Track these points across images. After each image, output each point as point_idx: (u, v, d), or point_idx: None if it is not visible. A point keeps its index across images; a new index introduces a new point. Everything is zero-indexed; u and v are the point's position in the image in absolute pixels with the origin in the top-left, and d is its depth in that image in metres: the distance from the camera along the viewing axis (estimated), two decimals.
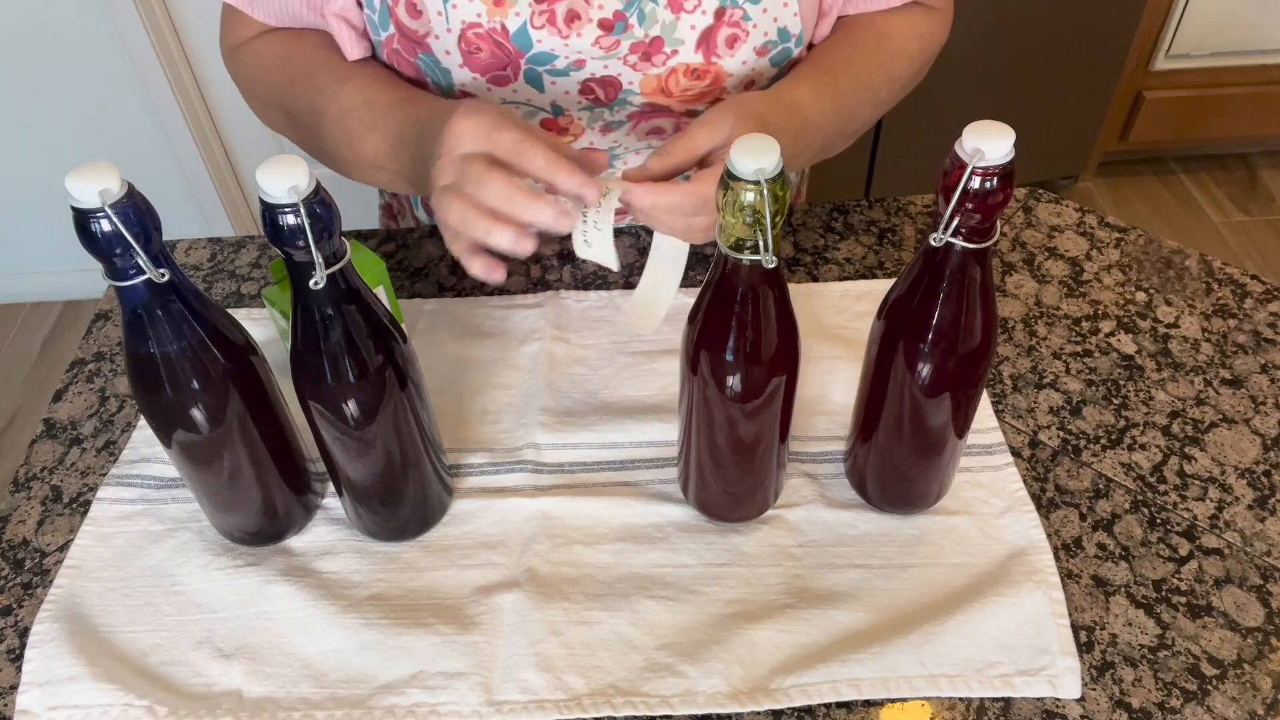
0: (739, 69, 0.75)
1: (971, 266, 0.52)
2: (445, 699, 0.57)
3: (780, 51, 0.75)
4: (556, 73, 0.73)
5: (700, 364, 0.55)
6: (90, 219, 0.47)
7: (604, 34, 0.71)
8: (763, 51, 0.74)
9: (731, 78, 0.75)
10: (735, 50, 0.73)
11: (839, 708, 0.57)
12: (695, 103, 0.77)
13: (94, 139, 1.89)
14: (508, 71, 0.73)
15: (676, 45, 0.72)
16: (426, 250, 0.86)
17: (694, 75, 0.74)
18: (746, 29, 0.73)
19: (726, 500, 0.64)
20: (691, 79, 0.74)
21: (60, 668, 0.59)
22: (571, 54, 0.72)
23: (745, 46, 0.73)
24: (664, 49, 0.72)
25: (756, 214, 0.47)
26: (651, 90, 0.75)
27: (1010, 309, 0.79)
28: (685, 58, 0.73)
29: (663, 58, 0.73)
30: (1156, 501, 0.66)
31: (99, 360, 0.79)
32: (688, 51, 0.73)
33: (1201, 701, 0.57)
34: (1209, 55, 2.04)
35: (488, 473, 0.69)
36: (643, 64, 0.73)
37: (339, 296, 0.52)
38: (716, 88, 0.76)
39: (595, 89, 0.75)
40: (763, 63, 0.75)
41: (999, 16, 1.82)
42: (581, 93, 0.75)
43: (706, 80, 0.75)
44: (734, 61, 0.74)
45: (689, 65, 0.74)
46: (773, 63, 0.76)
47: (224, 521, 0.63)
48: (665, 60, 0.73)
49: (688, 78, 0.74)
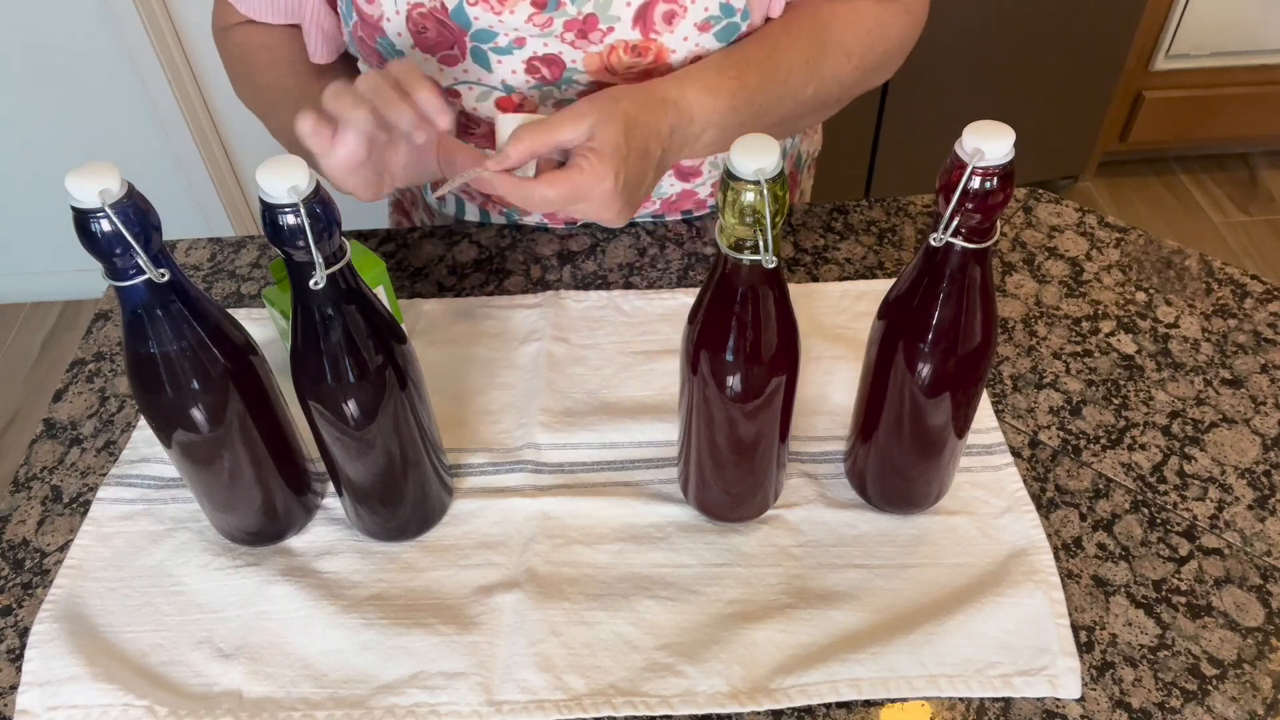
0: (681, 45, 0.74)
1: (971, 266, 0.52)
2: (445, 699, 0.57)
3: (725, 27, 0.74)
4: (500, 50, 0.74)
5: (700, 364, 0.55)
6: (90, 219, 0.47)
7: (537, 11, 0.72)
8: (705, 27, 0.73)
9: (675, 54, 0.74)
10: (674, 26, 0.73)
11: (839, 708, 0.57)
12: (641, 79, 0.75)
13: (94, 139, 1.89)
14: (455, 51, 0.75)
15: (612, 22, 0.72)
16: (426, 250, 0.86)
17: (635, 52, 0.74)
18: (684, 4, 0.72)
19: (726, 500, 0.64)
20: (633, 56, 0.74)
21: (60, 668, 0.59)
22: (509, 30, 0.73)
23: (684, 22, 0.73)
24: (599, 25, 0.72)
25: (756, 214, 0.47)
26: (595, 69, 0.75)
27: (1010, 309, 0.79)
28: (622, 34, 0.73)
29: (599, 34, 0.73)
30: (1156, 501, 0.66)
31: (99, 360, 0.79)
32: (624, 28, 0.72)
33: (1201, 701, 0.57)
34: (1209, 55, 2.04)
35: (488, 473, 0.69)
36: (580, 41, 0.73)
37: (339, 296, 0.52)
38: (661, 64, 0.75)
39: (540, 68, 0.75)
40: (707, 38, 0.74)
41: (999, 16, 1.82)
42: (528, 71, 0.76)
43: (649, 58, 0.74)
44: (674, 38, 0.73)
45: (628, 42, 0.73)
46: (718, 38, 0.75)
47: (224, 521, 0.63)
48: (602, 37, 0.73)
49: (629, 55, 0.74)
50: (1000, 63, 1.90)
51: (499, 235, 0.87)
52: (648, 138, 0.66)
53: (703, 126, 0.70)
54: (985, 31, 1.83)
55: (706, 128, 0.71)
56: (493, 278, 0.84)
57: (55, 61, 1.78)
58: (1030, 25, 1.85)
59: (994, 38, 1.85)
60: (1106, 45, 1.93)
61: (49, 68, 1.79)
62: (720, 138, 0.72)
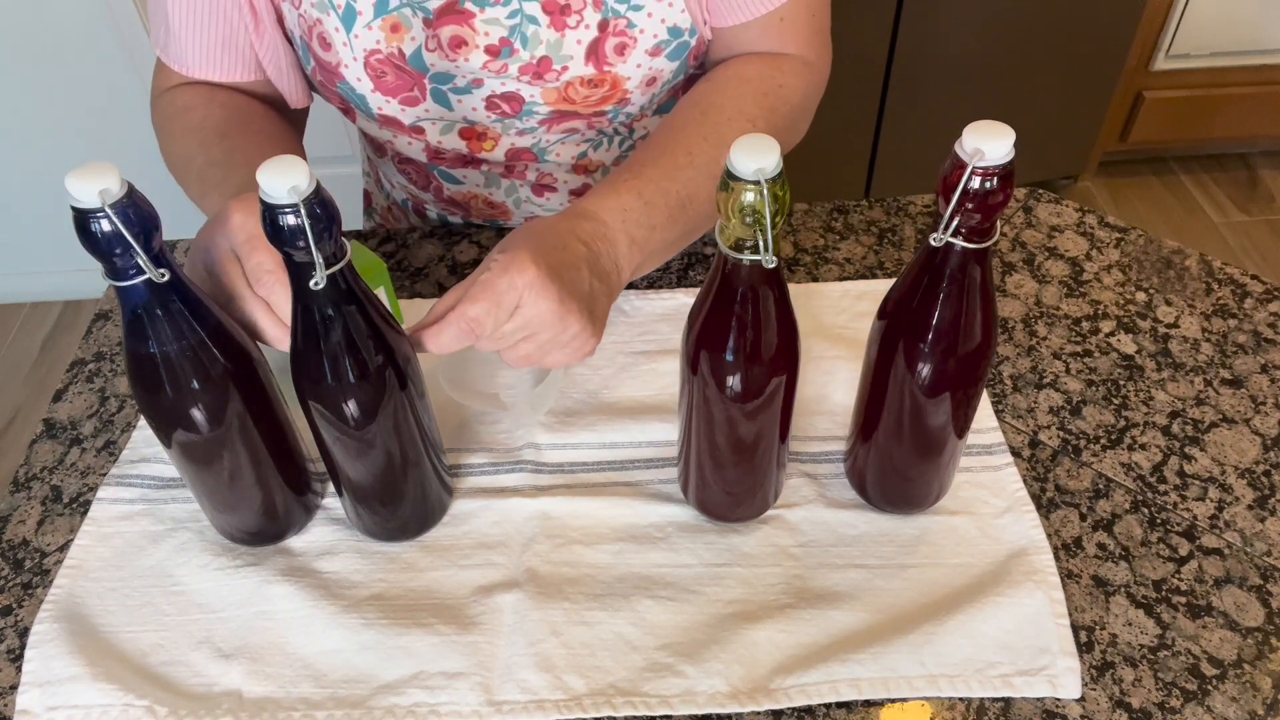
0: (635, 72, 0.75)
1: (971, 266, 0.52)
2: (445, 699, 0.57)
3: (676, 46, 0.75)
4: (459, 90, 0.76)
5: (700, 364, 0.55)
6: (90, 219, 0.47)
7: (491, 59, 0.73)
8: (655, 52, 0.74)
9: (630, 80, 0.76)
10: (626, 56, 0.74)
11: (839, 708, 0.57)
12: (600, 105, 0.78)
13: (94, 139, 1.89)
14: (415, 93, 0.76)
15: (565, 61, 0.73)
16: (426, 250, 0.86)
17: (590, 84, 0.75)
18: (634, 36, 0.73)
19: (726, 500, 0.64)
20: (589, 87, 0.75)
21: (60, 668, 0.59)
22: (466, 74, 0.74)
23: (636, 51, 0.74)
24: (553, 66, 0.74)
25: (756, 214, 0.47)
26: (554, 100, 0.76)
27: (1010, 309, 0.79)
28: (577, 71, 0.74)
29: (554, 74, 0.74)
30: (1156, 501, 0.66)
31: (99, 360, 0.79)
32: (578, 65, 0.74)
33: (1201, 701, 0.57)
34: (1209, 55, 2.04)
35: (488, 473, 0.69)
36: (537, 81, 0.75)
37: (339, 297, 0.52)
38: (617, 91, 0.76)
39: (500, 104, 0.77)
40: (659, 61, 0.75)
41: (999, 17, 1.82)
42: (488, 108, 0.77)
43: (605, 87, 0.76)
44: (628, 67, 0.75)
45: (583, 77, 0.75)
46: (670, 58, 0.75)
47: (224, 521, 0.63)
48: (558, 76, 0.74)
49: (585, 87, 0.75)
50: (1000, 63, 1.90)
51: (499, 235, 0.87)
52: (561, 234, 0.62)
53: (617, 226, 0.66)
54: (985, 31, 1.83)
55: (622, 227, 0.66)
56: None
57: (55, 61, 1.78)
58: (1030, 25, 1.85)
59: (994, 38, 1.85)
60: (1106, 45, 1.93)
61: (49, 68, 1.79)
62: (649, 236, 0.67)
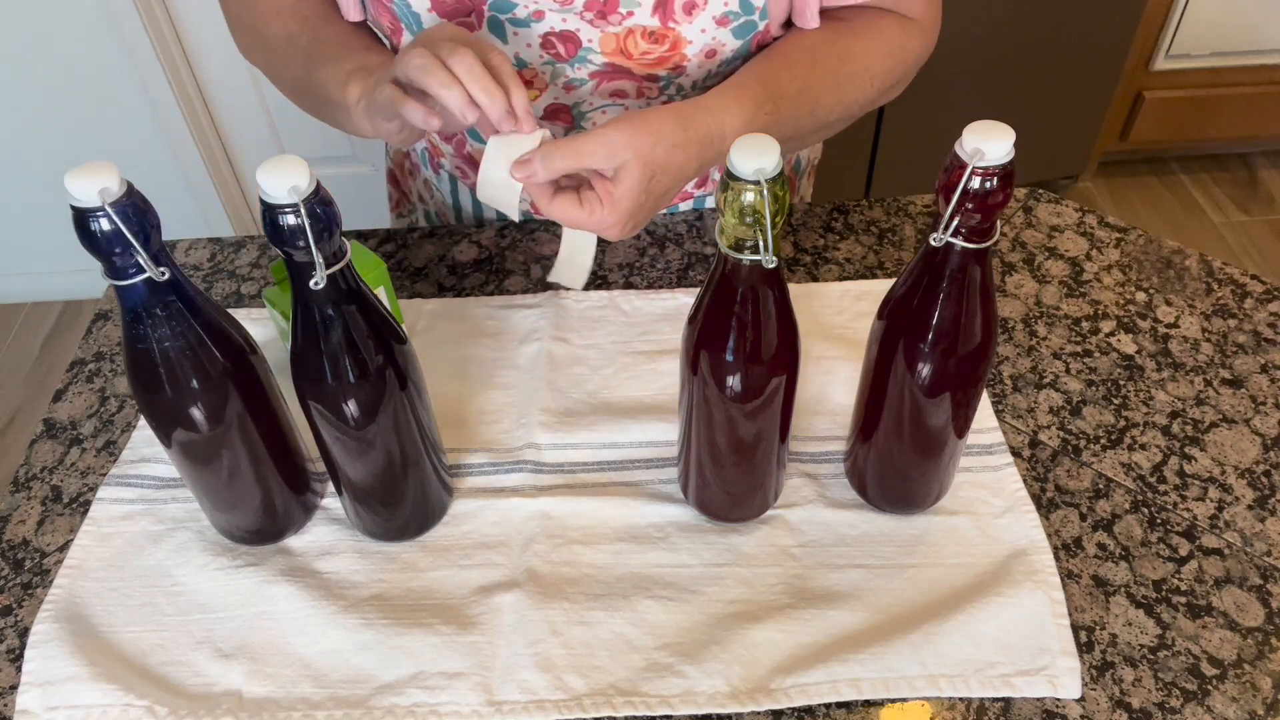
0: (698, 37, 0.74)
1: (971, 266, 0.52)
2: (445, 699, 0.57)
3: (743, 24, 0.74)
4: (518, 22, 0.74)
5: (700, 364, 0.55)
6: (90, 218, 0.47)
7: None
8: (723, 21, 0.74)
9: (691, 44, 0.75)
10: (693, 17, 0.73)
11: (839, 708, 0.57)
12: (655, 67, 0.76)
13: (94, 139, 1.89)
14: (472, 19, 0.74)
15: (633, 7, 0.72)
16: (426, 250, 0.86)
17: (652, 38, 0.74)
18: None
19: (726, 500, 0.64)
20: (650, 42, 0.74)
21: (60, 668, 0.59)
22: (530, 2, 0.73)
23: (704, 14, 0.73)
24: (619, 8, 0.72)
25: (756, 214, 0.47)
26: (611, 50, 0.75)
27: (1010, 309, 0.79)
28: (642, 19, 0.73)
29: (619, 17, 0.73)
30: (1156, 501, 0.66)
31: (99, 360, 0.79)
32: (644, 14, 0.73)
33: (1201, 701, 0.57)
34: (1209, 55, 2.04)
35: (488, 473, 0.69)
36: (599, 21, 0.73)
37: (339, 296, 0.52)
38: (676, 53, 0.75)
39: (556, 43, 0.75)
40: (724, 33, 0.74)
41: (999, 16, 1.82)
42: (543, 46, 0.76)
43: (665, 45, 0.75)
44: (692, 29, 0.74)
45: (646, 28, 0.73)
46: (735, 34, 0.75)
47: (224, 521, 0.63)
48: (622, 20, 0.73)
49: (645, 40, 0.74)
50: (1000, 63, 1.90)
51: (499, 235, 0.87)
52: (671, 181, 0.67)
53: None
54: (985, 31, 1.83)
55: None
56: (493, 278, 0.84)
57: (55, 61, 1.78)
58: (1030, 25, 1.85)
59: (994, 38, 1.85)
60: (1106, 45, 1.93)
61: (49, 68, 1.79)
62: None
